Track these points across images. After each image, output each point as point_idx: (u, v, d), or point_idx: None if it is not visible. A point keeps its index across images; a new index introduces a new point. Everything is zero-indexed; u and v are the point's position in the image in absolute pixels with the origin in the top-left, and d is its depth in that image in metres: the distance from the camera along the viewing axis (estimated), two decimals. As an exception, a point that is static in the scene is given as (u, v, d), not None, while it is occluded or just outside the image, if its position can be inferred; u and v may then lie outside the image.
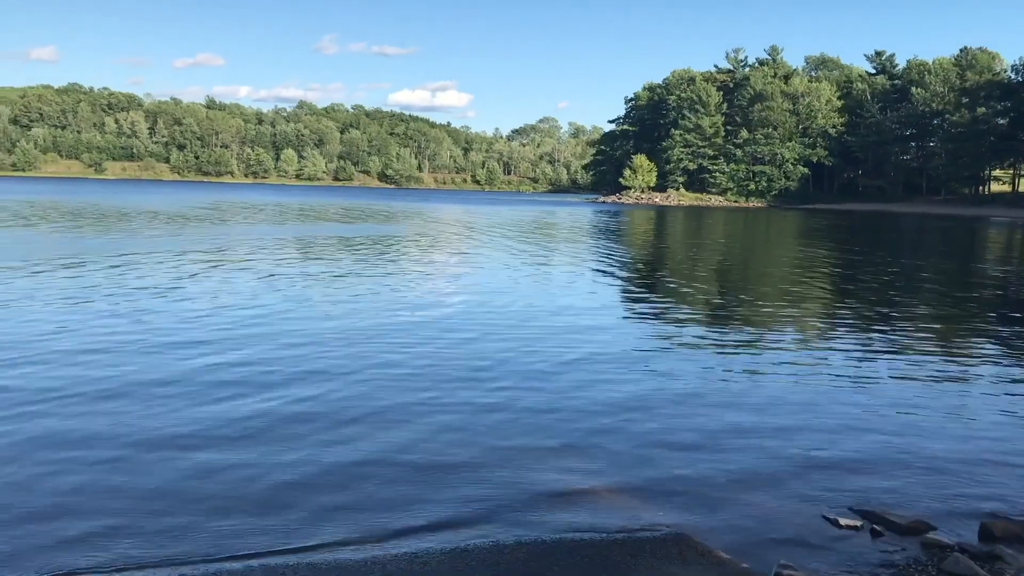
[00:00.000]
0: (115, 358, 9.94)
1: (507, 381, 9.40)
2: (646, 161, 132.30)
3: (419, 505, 5.88)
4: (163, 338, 11.23)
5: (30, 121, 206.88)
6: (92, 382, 8.81)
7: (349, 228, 39.88)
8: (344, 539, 5.34)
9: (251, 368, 9.67)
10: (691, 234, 47.44)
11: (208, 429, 7.38)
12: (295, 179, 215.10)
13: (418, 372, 9.67)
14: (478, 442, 7.23)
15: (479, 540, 5.40)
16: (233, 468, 6.47)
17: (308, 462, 6.63)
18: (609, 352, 11.14)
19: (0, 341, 10.77)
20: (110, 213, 46.05)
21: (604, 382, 9.43)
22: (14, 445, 6.82)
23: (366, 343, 11.27)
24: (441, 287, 18.04)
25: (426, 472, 6.50)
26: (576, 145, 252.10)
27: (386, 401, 8.42)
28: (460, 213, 65.83)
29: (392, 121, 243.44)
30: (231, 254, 23.94)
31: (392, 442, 7.17)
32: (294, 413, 7.94)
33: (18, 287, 15.83)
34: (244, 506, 5.79)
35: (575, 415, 8.11)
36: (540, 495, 6.13)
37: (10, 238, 27.96)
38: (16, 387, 8.54)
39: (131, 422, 7.50)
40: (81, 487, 6.03)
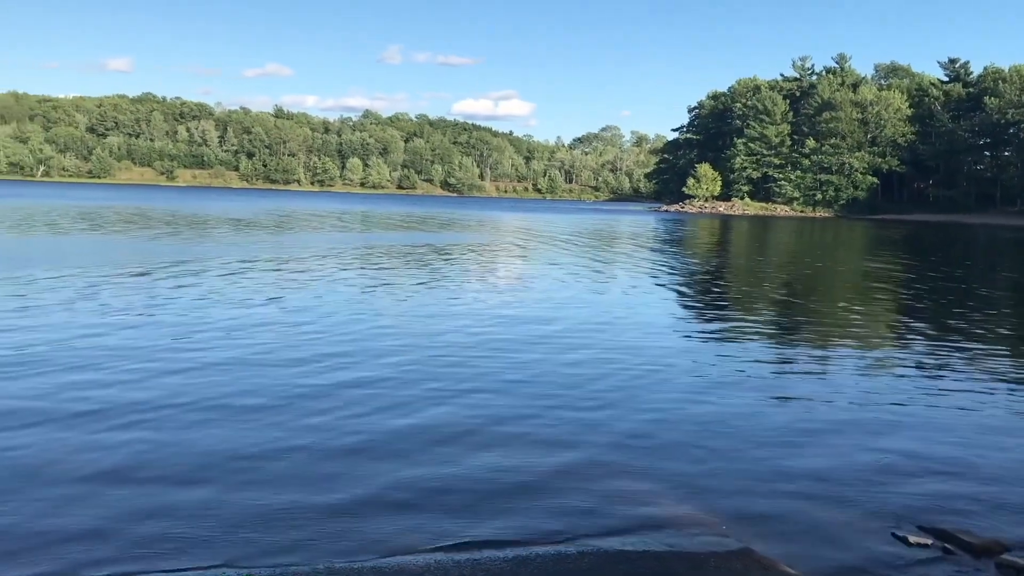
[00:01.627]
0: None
1: (569, 394, 9.40)
2: (710, 170, 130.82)
3: (484, 514, 5.91)
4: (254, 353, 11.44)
5: (106, 129, 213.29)
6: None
7: (418, 236, 40.23)
8: (408, 545, 5.39)
9: (332, 380, 9.82)
10: (756, 244, 46.81)
11: (296, 436, 7.53)
12: (360, 187, 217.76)
13: (479, 386, 9.64)
14: (541, 453, 7.26)
15: (541, 549, 5.42)
16: (303, 477, 6.60)
17: (377, 471, 6.71)
18: (671, 367, 11.06)
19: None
20: (198, 220, 47.27)
21: (669, 398, 9.37)
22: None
23: (446, 355, 11.38)
24: (507, 299, 18.04)
25: (489, 482, 6.55)
26: (639, 154, 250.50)
27: (457, 412, 8.47)
28: (522, 221, 65.93)
29: (455, 130, 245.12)
30: (317, 263, 24.33)
31: (460, 451, 7.23)
32: (389, 430, 8.04)
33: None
34: (311, 512, 5.91)
35: (639, 429, 8.08)
36: (603, 506, 6.12)
37: (114, 244, 28.80)
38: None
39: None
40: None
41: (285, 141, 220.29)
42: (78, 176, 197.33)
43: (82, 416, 7.85)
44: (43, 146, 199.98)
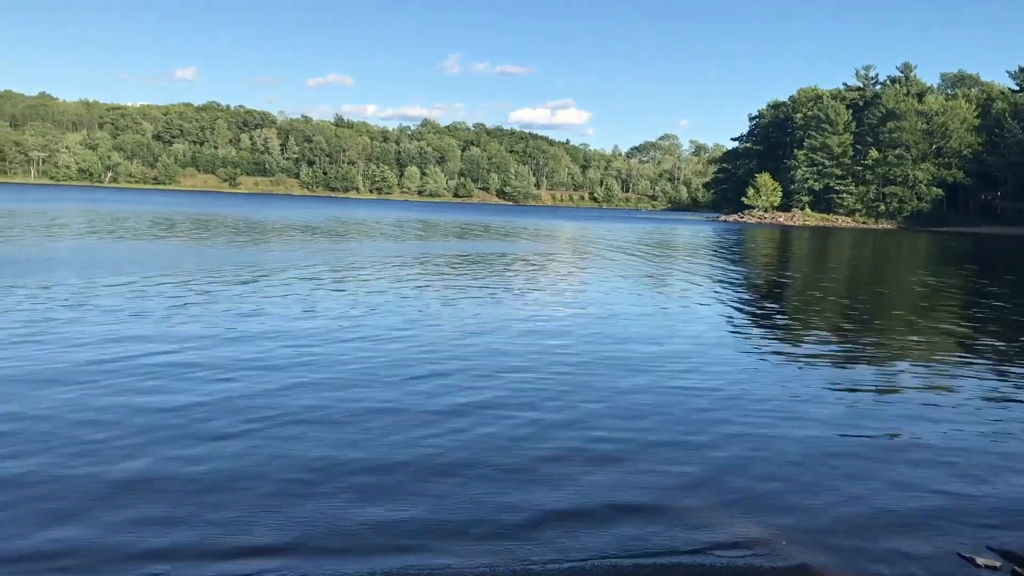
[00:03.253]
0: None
1: (628, 406, 9.42)
2: (770, 180, 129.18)
3: (541, 529, 5.92)
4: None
5: (171, 137, 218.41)
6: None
7: (476, 245, 40.42)
8: (461, 558, 5.42)
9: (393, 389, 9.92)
10: (817, 256, 46.04)
11: (351, 445, 7.64)
12: (417, 195, 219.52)
13: (531, 401, 9.64)
14: (594, 469, 7.24)
15: (597, 561, 5.38)
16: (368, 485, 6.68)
17: (435, 478, 6.80)
18: (730, 384, 10.93)
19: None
20: (271, 227, 48.20)
21: (725, 416, 9.27)
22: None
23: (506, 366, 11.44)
24: (564, 309, 18.05)
25: (547, 497, 6.55)
26: (697, 163, 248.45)
27: (529, 424, 8.54)
28: (578, 231, 65.82)
29: (512, 139, 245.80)
30: (399, 272, 24.60)
31: (514, 467, 7.25)
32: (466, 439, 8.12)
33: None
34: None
35: (695, 446, 8.02)
36: (658, 522, 6.09)
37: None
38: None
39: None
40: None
41: (345, 149, 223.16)
42: (144, 182, 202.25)
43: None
44: (111, 153, 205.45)
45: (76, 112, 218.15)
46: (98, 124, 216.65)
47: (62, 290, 16.86)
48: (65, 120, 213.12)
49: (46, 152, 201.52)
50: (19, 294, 16.00)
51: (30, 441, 7.25)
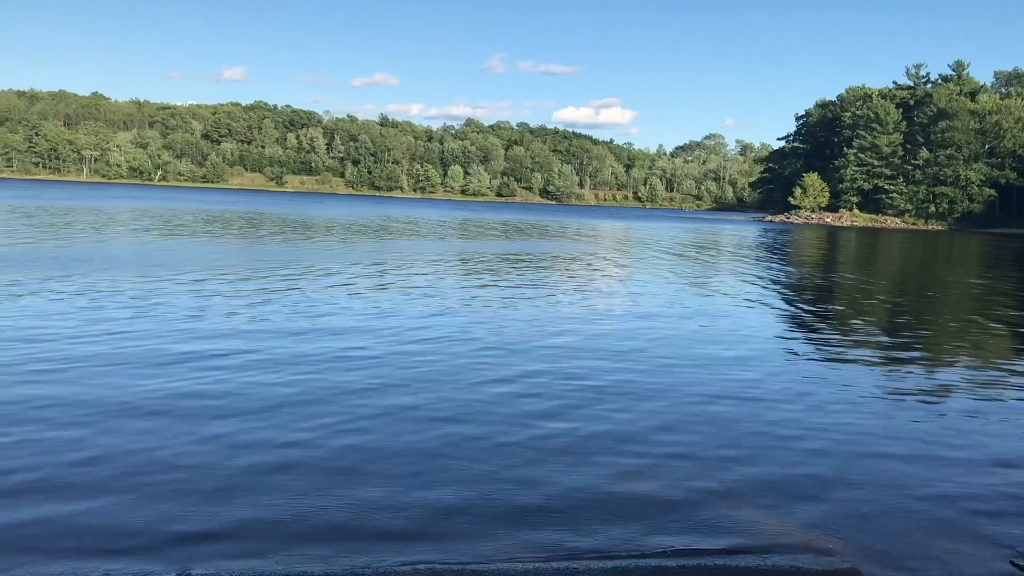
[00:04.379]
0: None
1: (671, 407, 9.40)
2: (817, 180, 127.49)
3: (584, 525, 5.95)
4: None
5: (220, 136, 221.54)
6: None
7: (521, 245, 40.48)
8: (506, 553, 5.46)
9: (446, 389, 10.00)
10: (866, 257, 45.36)
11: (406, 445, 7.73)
12: (460, 194, 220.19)
13: (576, 402, 9.66)
14: (643, 467, 7.26)
15: (642, 561, 5.39)
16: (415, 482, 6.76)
17: (483, 478, 6.82)
18: (779, 387, 10.83)
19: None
20: (321, 225, 48.81)
21: (774, 417, 9.20)
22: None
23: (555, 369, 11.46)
24: (605, 309, 18.03)
25: (591, 493, 6.59)
26: (743, 163, 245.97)
27: (575, 424, 8.55)
28: (622, 231, 65.57)
29: (555, 138, 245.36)
30: (454, 269, 24.82)
31: (572, 463, 7.28)
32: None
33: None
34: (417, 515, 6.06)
35: (745, 449, 7.98)
36: (707, 522, 6.08)
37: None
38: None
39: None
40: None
41: (389, 149, 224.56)
42: (192, 181, 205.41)
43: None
44: (161, 151, 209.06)
45: (127, 112, 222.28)
46: (148, 123, 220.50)
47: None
48: (117, 119, 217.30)
49: (98, 151, 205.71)
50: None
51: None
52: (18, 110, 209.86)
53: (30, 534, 5.48)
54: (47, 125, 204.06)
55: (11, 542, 5.35)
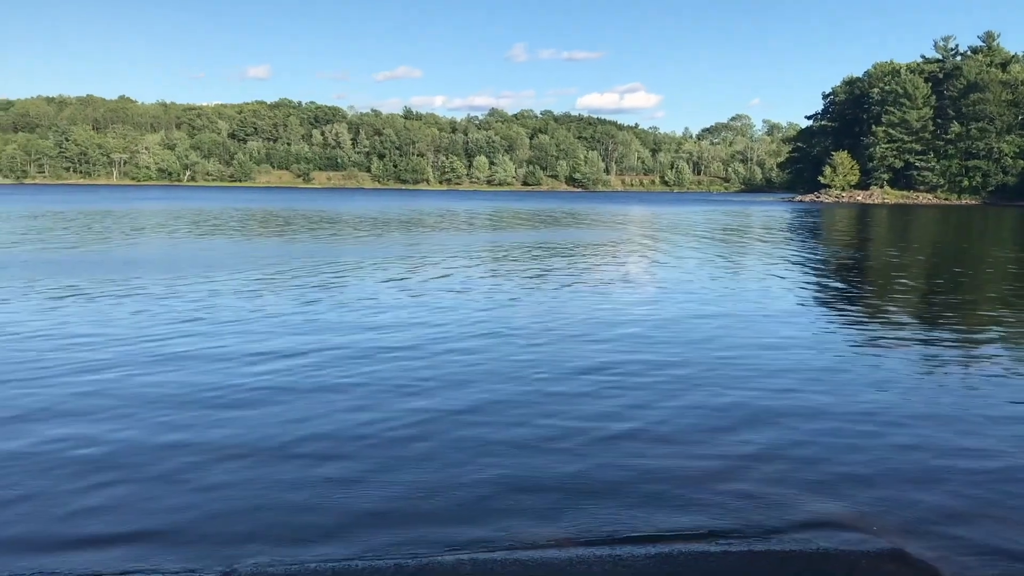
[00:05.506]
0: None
1: (714, 387, 9.35)
2: (847, 158, 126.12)
3: (626, 509, 5.94)
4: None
5: (246, 135, 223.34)
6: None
7: (550, 234, 40.44)
8: (550, 538, 5.47)
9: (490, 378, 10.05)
10: (899, 235, 44.80)
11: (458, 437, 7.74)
12: (486, 185, 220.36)
13: (625, 386, 9.63)
14: (685, 450, 7.23)
15: (684, 546, 5.37)
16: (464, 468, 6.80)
17: (536, 466, 6.81)
18: (816, 366, 10.74)
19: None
20: (353, 221, 49.05)
21: (812, 397, 9.11)
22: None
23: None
24: (644, 297, 17.90)
25: (629, 474, 6.59)
26: (771, 143, 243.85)
27: (620, 407, 8.54)
28: (650, 215, 65.29)
29: (580, 125, 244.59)
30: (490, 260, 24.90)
31: (618, 447, 7.28)
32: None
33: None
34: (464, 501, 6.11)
35: (784, 428, 7.92)
36: (748, 505, 6.06)
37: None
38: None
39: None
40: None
41: (414, 142, 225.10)
42: (221, 180, 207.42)
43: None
44: (189, 152, 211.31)
45: (154, 114, 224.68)
46: (175, 124, 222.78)
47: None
48: (144, 122, 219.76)
49: (127, 153, 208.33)
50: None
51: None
52: (48, 116, 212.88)
53: (77, 525, 5.60)
54: (76, 130, 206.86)
55: (63, 533, 5.47)
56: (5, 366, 9.96)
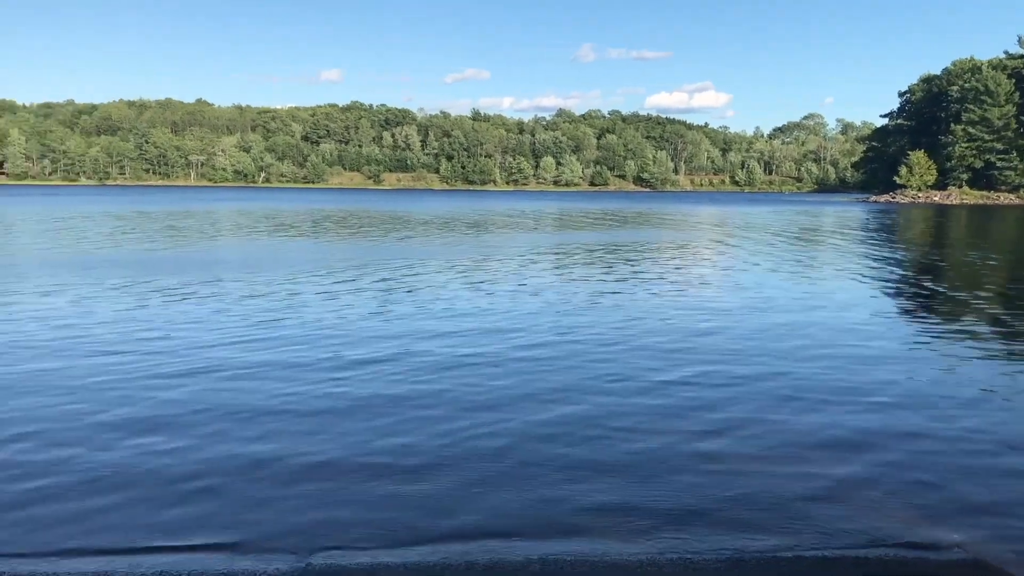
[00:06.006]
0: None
1: (802, 401, 9.25)
2: (924, 158, 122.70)
3: (697, 514, 5.97)
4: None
5: (319, 137, 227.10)
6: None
7: (620, 234, 40.34)
8: (623, 539, 5.54)
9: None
10: (980, 238, 43.50)
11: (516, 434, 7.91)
12: (552, 185, 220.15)
13: (697, 392, 9.66)
14: (784, 467, 7.16)
15: (756, 552, 5.36)
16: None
17: (620, 483, 6.78)
18: (907, 380, 10.40)
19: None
20: (426, 221, 49.48)
21: (895, 406, 8.95)
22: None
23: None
24: (722, 297, 17.79)
25: (706, 480, 6.61)
26: (844, 142, 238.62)
27: (698, 412, 8.56)
28: (720, 215, 64.54)
29: (648, 124, 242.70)
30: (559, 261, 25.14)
31: (709, 466, 7.20)
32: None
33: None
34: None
35: (866, 436, 7.83)
36: (826, 513, 6.00)
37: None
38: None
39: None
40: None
41: (482, 143, 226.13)
42: (294, 182, 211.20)
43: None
44: (264, 154, 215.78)
45: (230, 116, 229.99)
46: (251, 127, 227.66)
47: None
48: (220, 124, 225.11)
49: (204, 155, 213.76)
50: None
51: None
52: (129, 119, 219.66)
53: (165, 520, 5.83)
54: (156, 132, 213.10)
55: (148, 527, 5.71)
56: (91, 368, 10.24)
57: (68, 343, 11.66)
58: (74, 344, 11.59)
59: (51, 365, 10.28)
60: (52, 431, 7.68)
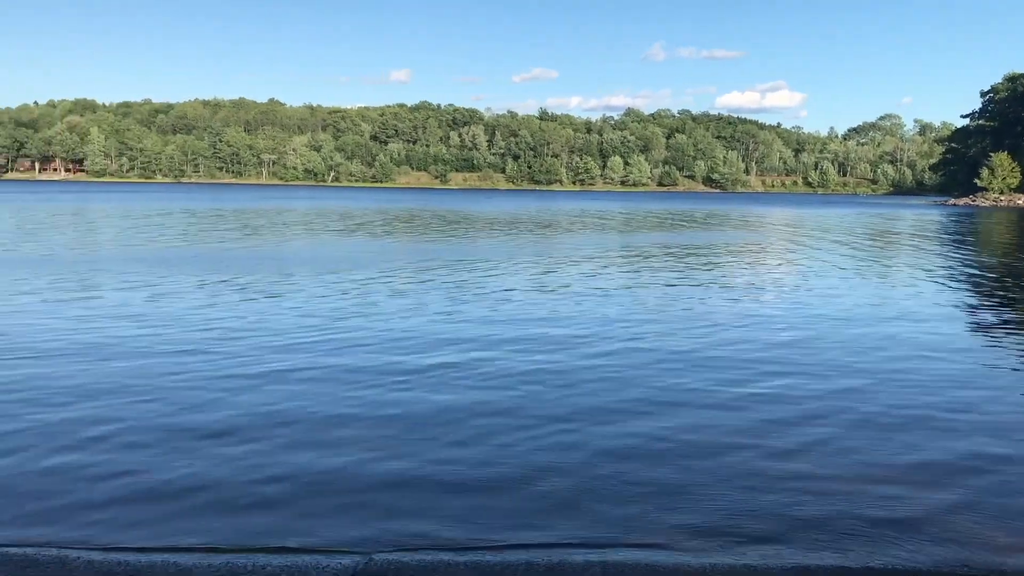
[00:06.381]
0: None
1: (872, 409, 8.91)
2: (1007, 160, 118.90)
3: (767, 525, 5.82)
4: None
5: (387, 137, 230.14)
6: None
7: (694, 236, 39.89)
8: (694, 548, 5.41)
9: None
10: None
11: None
12: (620, 185, 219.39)
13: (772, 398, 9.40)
14: (848, 471, 6.96)
15: (824, 561, 5.21)
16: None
17: (700, 495, 6.67)
18: (988, 390, 10.06)
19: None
20: (493, 221, 50.02)
21: (981, 420, 8.59)
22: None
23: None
24: (791, 304, 17.35)
25: (792, 502, 6.34)
26: (922, 143, 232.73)
27: (767, 419, 8.36)
28: (793, 217, 63.39)
29: (719, 124, 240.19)
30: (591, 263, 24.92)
31: (762, 457, 7.17)
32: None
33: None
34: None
35: (952, 454, 7.45)
36: (913, 532, 5.77)
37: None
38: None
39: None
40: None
41: (548, 143, 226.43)
42: (362, 181, 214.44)
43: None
44: (333, 154, 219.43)
45: (301, 116, 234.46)
46: (321, 127, 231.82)
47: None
48: (291, 124, 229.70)
49: (275, 154, 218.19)
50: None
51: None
52: (203, 118, 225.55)
53: (232, 520, 5.86)
54: (229, 131, 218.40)
55: (215, 527, 5.74)
56: (166, 368, 10.36)
57: (145, 341, 11.81)
58: (151, 343, 11.74)
59: (127, 364, 10.40)
60: (126, 431, 7.75)
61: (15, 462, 6.88)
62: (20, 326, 12.90)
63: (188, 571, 4.88)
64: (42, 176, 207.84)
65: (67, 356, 10.75)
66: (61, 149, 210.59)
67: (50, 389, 9.11)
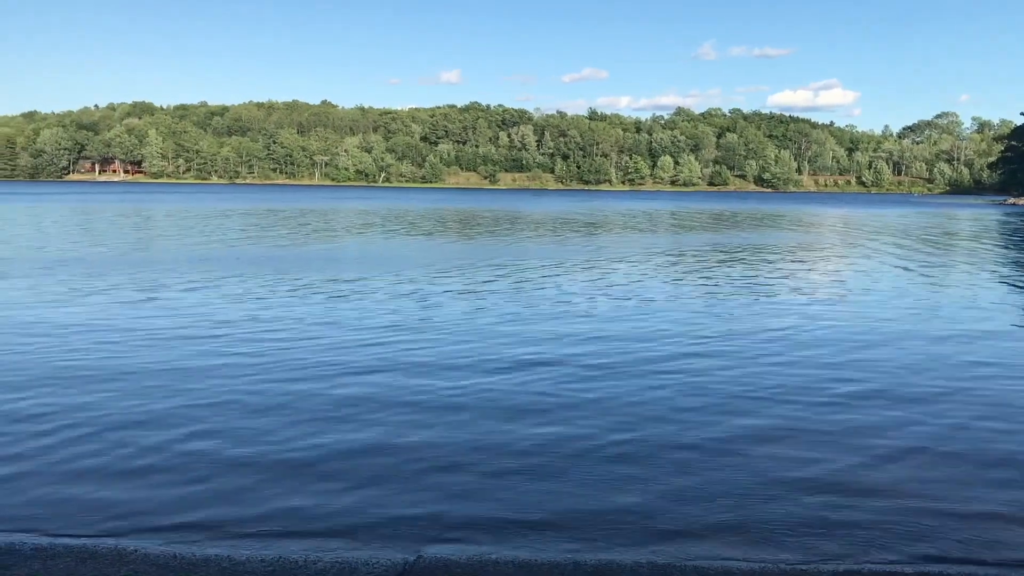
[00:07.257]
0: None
1: (965, 415, 9.00)
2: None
3: (806, 526, 5.90)
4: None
5: (437, 138, 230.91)
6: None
7: (759, 236, 39.68)
8: (737, 554, 5.47)
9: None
10: None
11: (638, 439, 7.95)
12: (670, 185, 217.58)
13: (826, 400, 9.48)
14: (888, 463, 7.12)
15: (874, 566, 5.25)
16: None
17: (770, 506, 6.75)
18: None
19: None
20: (553, 219, 50.31)
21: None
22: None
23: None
24: (844, 307, 17.28)
25: (821, 491, 6.52)
26: (980, 141, 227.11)
27: (804, 423, 8.45)
28: (847, 218, 62.53)
29: (770, 123, 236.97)
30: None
31: (807, 460, 7.25)
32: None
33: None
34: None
35: (987, 448, 7.57)
36: (958, 530, 5.84)
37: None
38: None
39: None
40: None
41: (598, 143, 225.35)
42: (412, 181, 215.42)
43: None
44: (384, 155, 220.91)
45: (353, 118, 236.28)
46: (372, 128, 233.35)
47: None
48: (343, 125, 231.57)
49: (328, 155, 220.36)
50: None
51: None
52: (257, 120, 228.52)
53: (293, 506, 6.12)
54: (283, 133, 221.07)
55: (276, 513, 6.01)
56: (235, 361, 10.84)
57: (211, 336, 12.37)
58: (221, 336, 12.35)
59: (193, 362, 10.90)
60: (197, 419, 8.21)
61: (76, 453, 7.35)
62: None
63: (241, 565, 5.01)
64: (102, 177, 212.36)
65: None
66: (120, 151, 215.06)
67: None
